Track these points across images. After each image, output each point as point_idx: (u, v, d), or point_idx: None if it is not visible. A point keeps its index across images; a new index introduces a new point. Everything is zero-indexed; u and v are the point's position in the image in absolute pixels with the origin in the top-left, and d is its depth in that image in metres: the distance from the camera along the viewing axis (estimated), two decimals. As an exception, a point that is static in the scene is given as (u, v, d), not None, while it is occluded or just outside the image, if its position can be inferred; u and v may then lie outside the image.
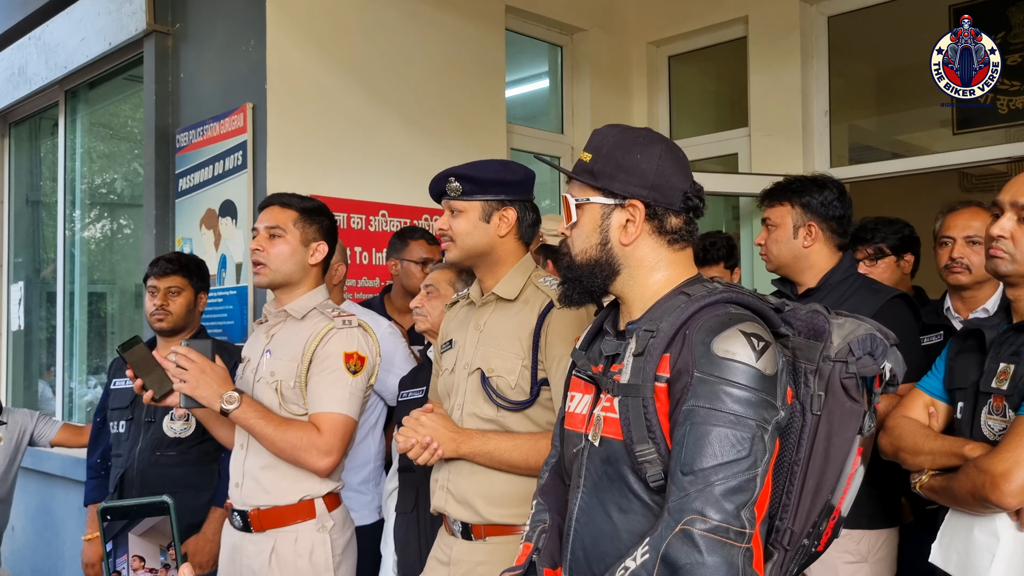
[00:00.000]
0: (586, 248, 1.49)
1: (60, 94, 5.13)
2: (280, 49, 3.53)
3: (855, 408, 1.37)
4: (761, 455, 1.26)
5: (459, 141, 4.07)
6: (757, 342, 1.30)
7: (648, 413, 1.35)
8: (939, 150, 4.32)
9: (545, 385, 1.97)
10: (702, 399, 1.28)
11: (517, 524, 1.97)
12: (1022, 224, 1.83)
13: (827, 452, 1.37)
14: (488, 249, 2.06)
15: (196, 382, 2.17)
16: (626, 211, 1.46)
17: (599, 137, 1.51)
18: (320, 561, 2.23)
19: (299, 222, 2.32)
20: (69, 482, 4.61)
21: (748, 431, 1.26)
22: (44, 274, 5.66)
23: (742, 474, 1.24)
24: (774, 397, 1.30)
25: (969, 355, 1.95)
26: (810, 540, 1.41)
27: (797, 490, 1.38)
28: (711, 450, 1.25)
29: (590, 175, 1.48)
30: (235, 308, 3.66)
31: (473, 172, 2.04)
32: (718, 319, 1.34)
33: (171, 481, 2.84)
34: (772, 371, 1.30)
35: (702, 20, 4.77)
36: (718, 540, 1.21)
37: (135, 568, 1.16)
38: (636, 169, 1.46)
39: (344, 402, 2.21)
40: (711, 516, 1.22)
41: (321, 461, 2.17)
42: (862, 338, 1.37)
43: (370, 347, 2.30)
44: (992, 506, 1.71)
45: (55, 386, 5.32)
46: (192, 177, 3.90)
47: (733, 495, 1.23)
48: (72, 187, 5.23)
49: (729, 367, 1.28)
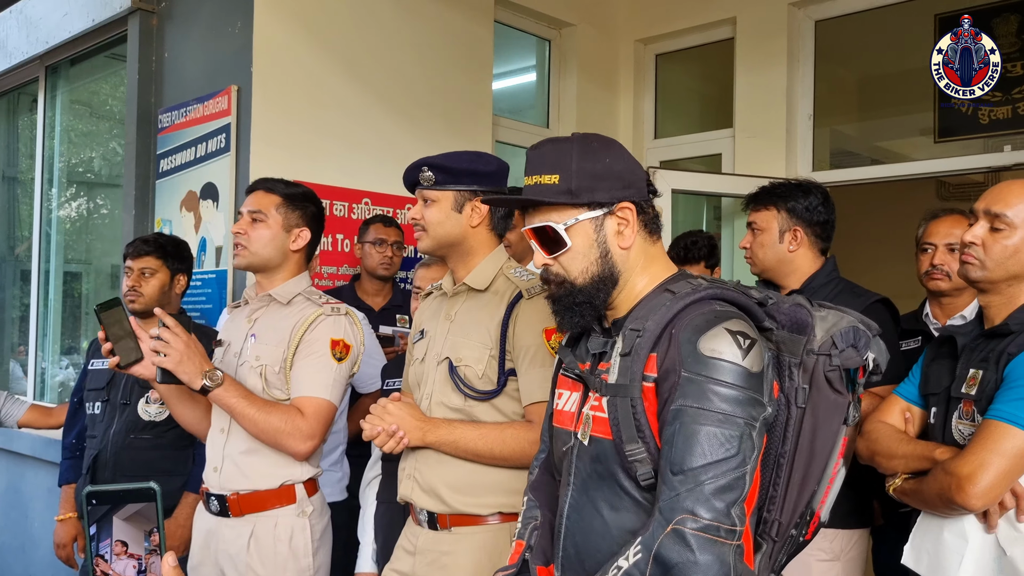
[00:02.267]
0: (587, 266, 1.46)
1: (40, 70, 5.06)
2: (267, 32, 3.50)
3: (839, 400, 1.39)
4: (749, 452, 1.27)
5: (444, 132, 4.06)
6: (743, 340, 1.31)
7: (637, 413, 1.35)
8: (919, 158, 4.36)
9: (513, 375, 1.98)
10: (690, 398, 1.29)
11: (483, 514, 1.98)
12: (994, 232, 1.87)
13: (812, 445, 1.39)
14: (460, 239, 2.06)
15: (180, 357, 2.09)
16: (616, 217, 1.46)
17: (554, 153, 1.47)
18: (299, 546, 2.22)
19: (282, 207, 2.31)
20: (39, 462, 4.56)
21: (736, 429, 1.27)
22: (19, 252, 5.58)
23: (731, 472, 1.25)
24: (761, 394, 1.30)
25: (943, 361, 1.99)
26: (798, 530, 1.43)
27: (784, 482, 1.39)
28: (700, 449, 1.26)
29: (570, 195, 1.44)
30: (214, 291, 3.63)
31: (446, 162, 2.05)
32: (704, 317, 1.34)
33: (144, 465, 2.82)
34: (758, 368, 1.31)
35: (690, 20, 4.79)
36: (709, 539, 1.22)
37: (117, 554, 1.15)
38: (611, 174, 1.45)
39: (328, 388, 2.22)
40: (702, 515, 1.23)
41: (303, 445, 2.18)
42: (844, 331, 1.38)
43: (355, 335, 2.31)
44: (958, 507, 1.75)
45: (26, 366, 5.26)
46: (174, 158, 3.86)
47: (723, 493, 1.24)
48: (50, 164, 5.16)
49: (716, 366, 1.29)
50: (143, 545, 1.16)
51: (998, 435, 1.71)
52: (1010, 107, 3.94)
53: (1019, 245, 1.85)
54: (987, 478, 1.69)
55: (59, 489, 3.18)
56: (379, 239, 3.41)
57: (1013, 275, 1.85)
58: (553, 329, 1.95)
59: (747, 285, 1.49)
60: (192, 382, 2.11)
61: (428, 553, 2.01)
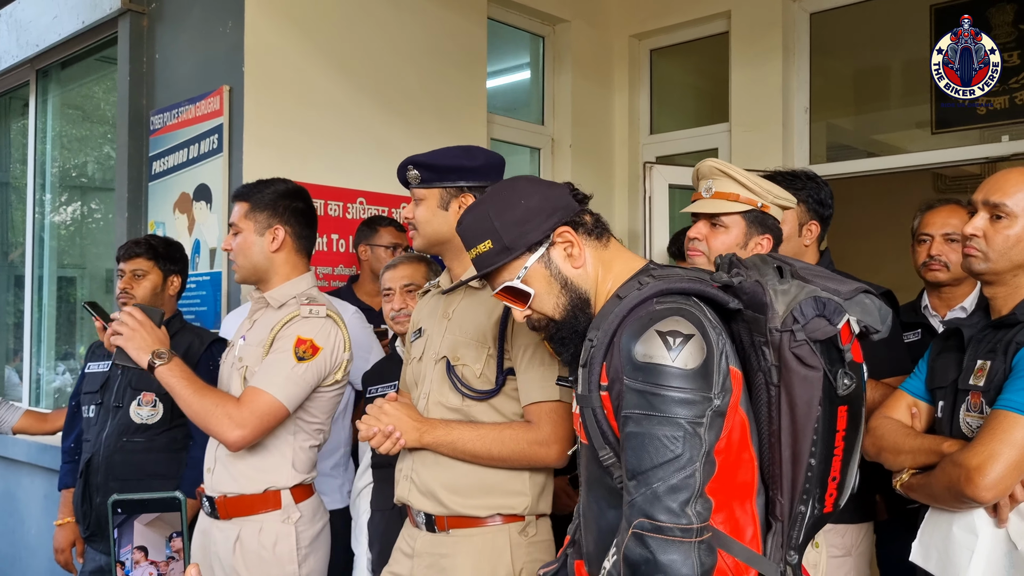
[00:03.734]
0: (556, 302, 1.52)
1: (31, 73, 5.02)
2: (258, 31, 3.47)
3: (810, 374, 1.37)
4: (697, 449, 1.29)
5: (439, 130, 4.03)
6: (674, 339, 1.32)
7: (599, 421, 1.41)
8: (916, 150, 4.34)
9: (511, 375, 1.96)
10: (633, 405, 1.32)
11: (481, 516, 1.95)
12: (994, 222, 1.85)
13: (793, 420, 1.39)
14: (449, 236, 2.03)
15: (129, 335, 2.18)
16: (557, 245, 1.52)
17: (478, 223, 1.53)
18: (284, 553, 2.20)
19: (250, 212, 2.29)
20: (35, 468, 4.54)
21: (679, 430, 1.29)
22: (12, 257, 5.55)
23: (678, 472, 1.27)
24: (706, 389, 1.31)
25: (949, 354, 1.96)
26: (807, 506, 1.42)
27: (778, 461, 1.41)
28: (647, 454, 1.29)
29: (507, 251, 1.51)
30: (208, 294, 3.60)
31: (431, 160, 2.03)
32: (640, 322, 1.37)
33: (137, 468, 2.79)
34: (695, 363, 1.31)
35: (685, 14, 4.77)
36: (665, 539, 1.25)
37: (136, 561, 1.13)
38: (532, 212, 1.50)
39: (276, 384, 2.14)
40: (657, 517, 1.26)
41: (231, 432, 2.10)
42: (804, 303, 1.37)
43: (334, 339, 2.23)
44: (968, 500, 1.72)
45: (22, 372, 5.23)
46: (166, 160, 3.83)
47: (673, 493, 1.27)
48: (42, 169, 5.13)
49: (651, 370, 1.31)
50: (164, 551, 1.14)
51: (1007, 425, 1.68)
52: (1007, 97, 3.92)
53: (1021, 234, 1.82)
54: (997, 469, 1.66)
55: (56, 494, 3.16)
56: (394, 244, 3.36)
57: (1017, 264, 1.83)
58: None
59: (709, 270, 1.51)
60: (140, 360, 2.16)
61: (426, 556, 1.99)
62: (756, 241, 2.05)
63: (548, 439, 1.90)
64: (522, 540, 1.95)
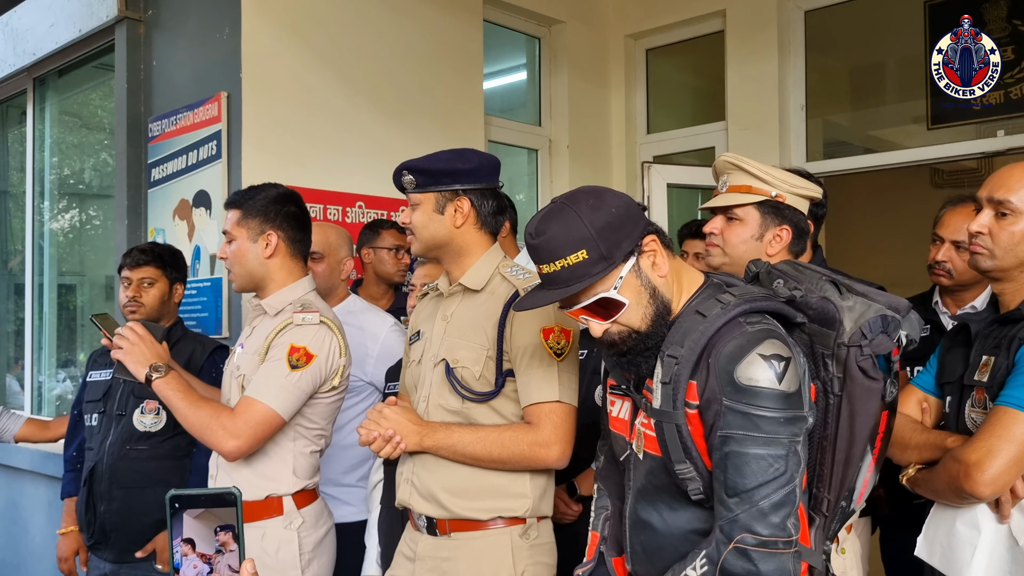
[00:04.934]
0: (644, 312, 1.51)
1: (28, 82, 5.02)
2: (255, 37, 3.47)
3: (874, 386, 1.46)
4: (796, 468, 1.38)
5: (436, 133, 4.04)
6: (777, 363, 1.39)
7: (683, 437, 1.45)
8: (913, 145, 4.36)
9: (510, 376, 1.96)
10: (735, 426, 1.39)
11: (483, 519, 1.96)
12: (999, 219, 1.84)
13: (852, 429, 1.48)
14: (446, 240, 2.04)
15: (129, 350, 2.24)
16: (646, 255, 1.52)
17: (570, 231, 1.46)
18: (286, 559, 2.20)
19: (242, 219, 2.29)
20: (38, 476, 4.54)
21: (782, 448, 1.37)
22: (12, 266, 5.56)
23: (782, 489, 1.36)
24: (800, 408, 1.40)
25: (958, 350, 1.96)
26: (847, 502, 1.53)
27: (829, 463, 1.50)
28: (751, 471, 1.37)
29: (606, 262, 1.47)
30: (209, 300, 3.61)
31: (424, 164, 2.03)
32: (737, 344, 1.41)
33: (141, 475, 2.80)
34: (795, 387, 1.39)
35: (680, 14, 4.78)
36: (768, 552, 1.35)
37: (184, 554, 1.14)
38: (623, 219, 1.49)
39: (271, 394, 2.15)
40: (760, 532, 1.35)
41: (226, 443, 2.12)
42: (872, 321, 1.44)
43: (329, 346, 2.23)
44: (967, 496, 1.72)
45: (23, 380, 5.23)
46: (165, 167, 3.83)
47: (778, 509, 1.36)
48: (40, 177, 5.13)
49: (755, 393, 1.38)
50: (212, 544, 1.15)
51: (1007, 421, 1.68)
52: (1002, 92, 3.93)
53: None
54: (996, 465, 1.67)
55: (58, 503, 3.16)
56: (396, 246, 3.35)
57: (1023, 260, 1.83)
58: (551, 329, 1.94)
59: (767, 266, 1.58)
60: (137, 372, 2.22)
61: (428, 559, 1.99)
62: (774, 232, 2.02)
63: (548, 440, 1.91)
64: (523, 543, 1.95)
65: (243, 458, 2.20)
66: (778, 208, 2.02)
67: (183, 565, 1.14)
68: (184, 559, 1.15)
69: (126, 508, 2.80)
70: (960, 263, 2.59)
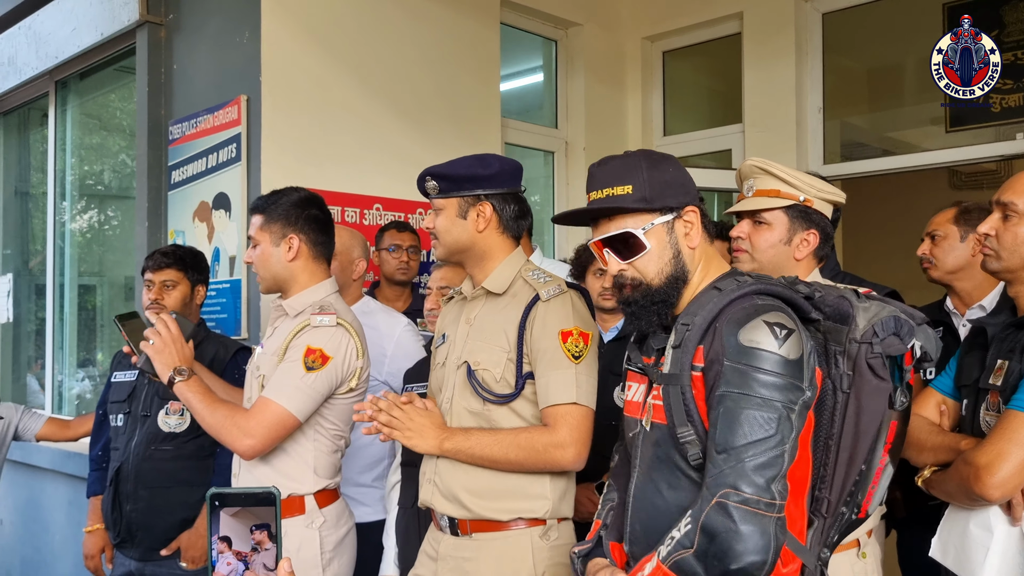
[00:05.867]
0: (662, 267, 1.58)
1: (50, 84, 5.09)
2: (275, 41, 3.51)
3: (881, 385, 1.48)
4: (788, 432, 1.39)
5: (453, 135, 4.06)
6: (780, 330, 1.42)
7: (686, 399, 1.48)
8: (931, 148, 4.34)
9: (530, 379, 1.98)
10: (732, 385, 1.41)
11: (503, 519, 1.98)
12: (1006, 221, 1.87)
13: (857, 426, 1.49)
14: (469, 245, 2.07)
15: (159, 348, 2.27)
16: (683, 220, 1.60)
17: (623, 168, 1.60)
18: (308, 558, 2.23)
19: (265, 224, 2.33)
20: (58, 475, 4.59)
21: (775, 412, 1.39)
22: (33, 266, 5.62)
23: (770, 450, 1.37)
24: (799, 379, 1.42)
25: (975, 353, 1.98)
26: (848, 508, 1.53)
27: (832, 462, 1.51)
28: (742, 430, 1.38)
29: (646, 201, 1.57)
30: (228, 301, 3.65)
31: (447, 170, 2.06)
32: (744, 311, 1.46)
33: (166, 476, 2.84)
34: (796, 355, 1.42)
35: (697, 16, 4.78)
36: (750, 511, 1.34)
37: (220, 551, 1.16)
38: (677, 182, 1.60)
39: (286, 394, 2.18)
40: (743, 489, 1.35)
41: (240, 442, 2.16)
42: (885, 320, 1.47)
43: (345, 348, 2.25)
44: (977, 498, 1.74)
45: (43, 379, 5.29)
46: (185, 169, 3.87)
47: (763, 470, 1.36)
48: (61, 178, 5.19)
49: (755, 355, 1.41)
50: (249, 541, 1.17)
51: (1017, 425, 1.70)
52: (1021, 95, 3.91)
53: None
54: (1006, 468, 1.69)
55: (80, 501, 3.19)
56: (394, 244, 3.42)
57: None
58: (569, 332, 1.95)
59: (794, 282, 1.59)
60: (162, 373, 2.26)
61: (450, 559, 2.02)
62: (801, 237, 2.02)
63: (565, 442, 1.92)
64: (544, 544, 1.97)
65: (264, 457, 2.23)
66: (806, 213, 2.01)
67: (218, 562, 1.16)
68: (220, 556, 1.16)
69: (151, 507, 2.83)
70: (939, 251, 2.69)
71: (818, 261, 2.06)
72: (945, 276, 2.72)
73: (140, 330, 2.38)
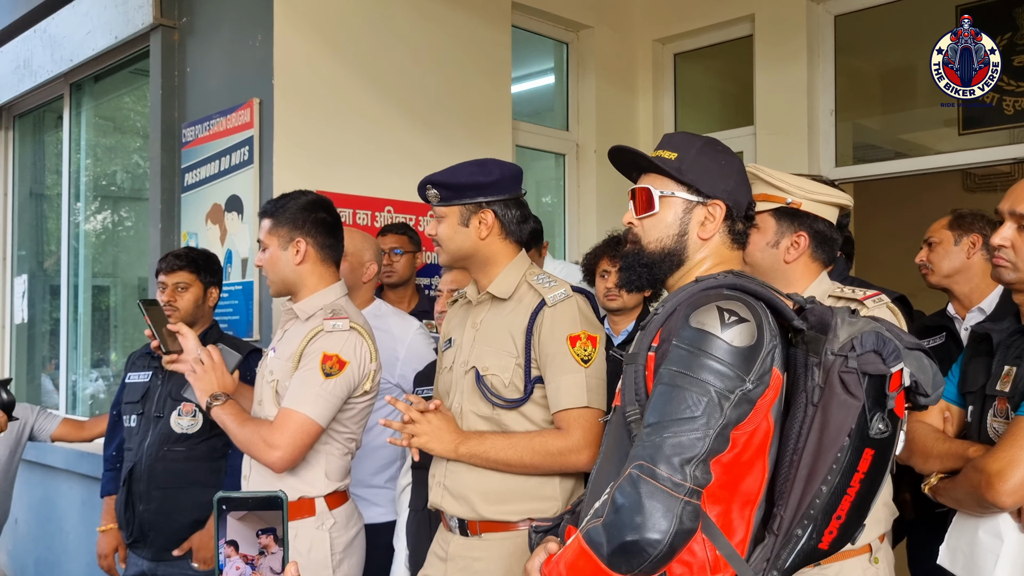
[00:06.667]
0: (662, 237, 1.60)
1: (65, 87, 5.13)
2: (287, 44, 3.52)
3: (850, 401, 1.39)
4: (715, 418, 1.34)
5: (464, 137, 4.07)
6: (729, 316, 1.40)
7: (638, 378, 1.48)
8: (944, 150, 4.32)
9: (539, 383, 1.99)
10: (672, 363, 1.40)
11: (513, 520, 1.99)
12: (1021, 232, 1.84)
13: (820, 441, 1.41)
14: (472, 251, 2.08)
15: (200, 376, 2.33)
16: (706, 209, 1.59)
17: (682, 139, 1.62)
18: (318, 559, 2.24)
19: (273, 228, 2.34)
20: (72, 475, 4.62)
21: (705, 395, 1.35)
22: (47, 266, 5.66)
23: (691, 432, 1.33)
24: (743, 370, 1.38)
25: (980, 359, 1.97)
26: (804, 531, 1.42)
27: (791, 478, 1.43)
28: (668, 408, 1.36)
29: (678, 171, 1.58)
30: (240, 303, 3.67)
31: (447, 178, 2.06)
32: (706, 296, 1.46)
33: (178, 476, 2.86)
34: (741, 344, 1.38)
35: (708, 18, 4.77)
36: (657, 487, 1.31)
37: (227, 555, 1.17)
38: (720, 174, 1.59)
39: (307, 402, 2.19)
40: (656, 465, 1.32)
41: (267, 454, 2.18)
42: (866, 334, 1.40)
43: (360, 352, 2.27)
44: (989, 505, 1.73)
45: (57, 379, 5.32)
46: (198, 172, 3.90)
47: (678, 449, 1.33)
48: (76, 180, 5.23)
49: (700, 337, 1.39)
50: (256, 544, 1.18)
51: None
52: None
53: None
54: (1018, 475, 1.68)
55: (93, 500, 3.22)
56: (391, 248, 3.42)
57: None
58: (577, 336, 1.96)
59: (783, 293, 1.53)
60: (200, 398, 2.33)
61: (459, 559, 2.03)
62: (790, 239, 1.99)
63: (578, 445, 1.94)
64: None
65: None
66: (794, 214, 1.99)
67: (226, 566, 1.17)
68: (227, 560, 1.17)
69: (164, 508, 2.86)
70: (935, 257, 2.79)
71: (824, 265, 2.05)
72: (942, 280, 2.78)
73: (162, 317, 2.43)
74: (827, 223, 2.02)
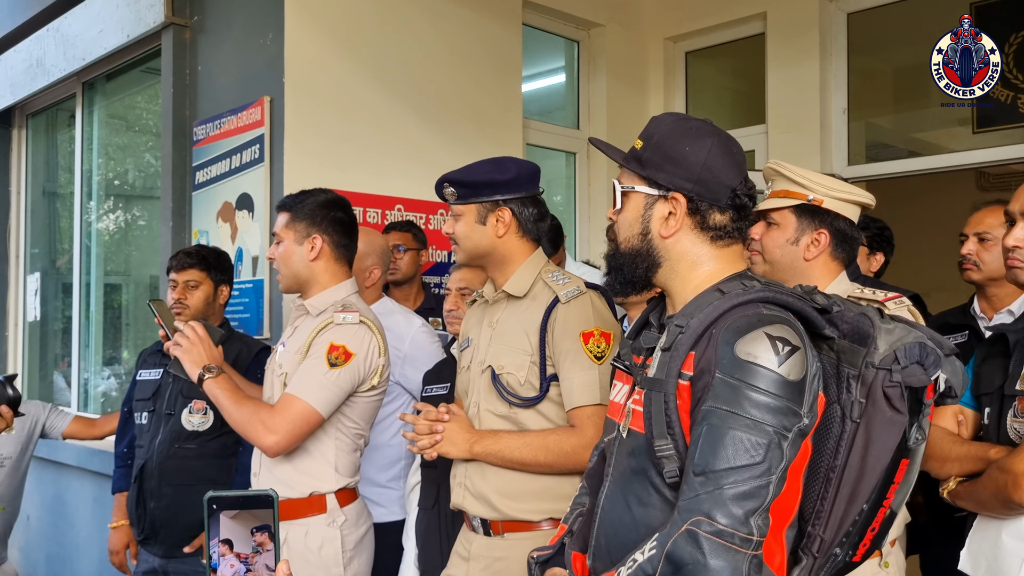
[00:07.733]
0: (629, 237, 1.47)
1: (77, 86, 5.15)
2: (298, 43, 3.53)
3: (896, 418, 1.31)
4: (777, 462, 1.23)
5: (475, 136, 4.07)
6: (782, 346, 1.26)
7: (669, 409, 1.33)
8: (958, 148, 4.29)
9: (554, 381, 1.99)
10: (721, 401, 1.26)
11: (535, 520, 2.00)
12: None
13: (864, 461, 1.32)
14: (489, 249, 2.08)
15: (187, 349, 2.32)
16: (668, 203, 1.43)
17: (653, 125, 1.47)
18: (329, 556, 2.24)
19: (290, 222, 2.35)
20: (84, 472, 4.64)
21: (765, 437, 1.23)
22: (60, 265, 5.69)
23: (754, 480, 1.21)
24: (798, 404, 1.26)
25: (995, 360, 1.94)
26: (843, 550, 1.36)
27: (831, 497, 1.34)
28: (725, 453, 1.23)
29: (638, 163, 1.45)
30: (251, 301, 3.67)
31: (464, 176, 2.07)
32: (746, 319, 1.30)
33: (189, 474, 2.87)
34: (796, 376, 1.26)
35: (720, 16, 4.75)
36: (722, 544, 1.19)
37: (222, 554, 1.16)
38: (683, 161, 1.42)
39: (309, 390, 2.19)
40: (718, 520, 1.20)
41: (265, 438, 2.17)
42: (910, 346, 1.30)
43: (368, 345, 2.26)
44: (1016, 506, 1.70)
45: (69, 377, 5.35)
46: (209, 170, 3.91)
47: (743, 500, 1.21)
48: (88, 178, 5.26)
49: (751, 370, 1.25)
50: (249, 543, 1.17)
51: None
52: (1050, 95, 3.86)
53: None
54: None
55: (104, 498, 3.23)
56: (393, 245, 3.40)
57: None
58: (590, 333, 1.96)
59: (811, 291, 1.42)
60: (191, 372, 2.30)
61: (482, 559, 2.04)
62: (811, 236, 1.96)
63: (592, 442, 1.92)
64: None
65: (285, 456, 2.24)
66: (815, 211, 1.96)
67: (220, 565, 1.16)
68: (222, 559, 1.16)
69: (174, 505, 2.86)
70: (986, 254, 2.61)
71: (843, 265, 2.02)
72: (987, 278, 2.66)
73: (170, 316, 2.45)
74: (848, 221, 1.98)
